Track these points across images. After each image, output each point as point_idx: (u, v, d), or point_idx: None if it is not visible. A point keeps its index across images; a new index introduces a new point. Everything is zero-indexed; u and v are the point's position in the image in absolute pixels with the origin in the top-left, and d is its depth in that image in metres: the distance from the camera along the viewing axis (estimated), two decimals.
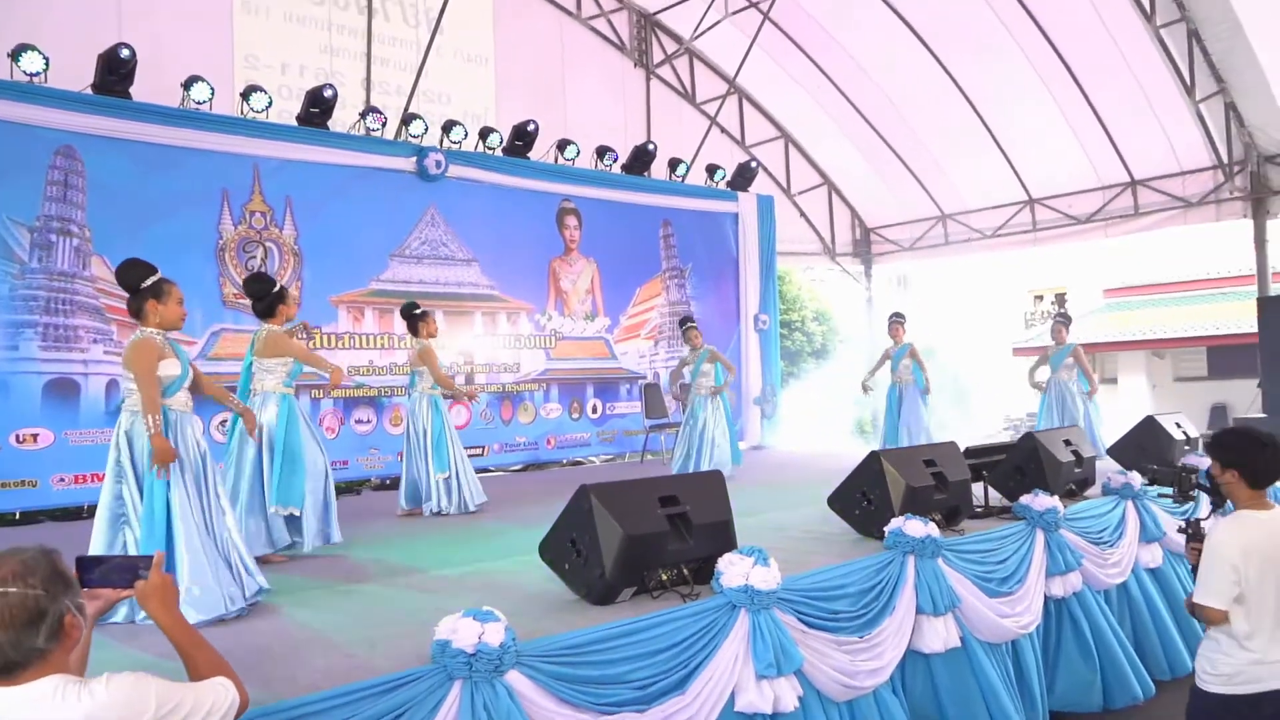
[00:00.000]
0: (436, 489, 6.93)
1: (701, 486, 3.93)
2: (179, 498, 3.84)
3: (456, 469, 6.98)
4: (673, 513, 3.73)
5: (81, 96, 7.66)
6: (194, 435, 4.09)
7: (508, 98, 11.64)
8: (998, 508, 5.56)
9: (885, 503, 4.80)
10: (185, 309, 4.22)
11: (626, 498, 3.64)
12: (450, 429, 7.09)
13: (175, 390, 4.01)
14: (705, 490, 3.92)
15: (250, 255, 8.50)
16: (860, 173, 15.04)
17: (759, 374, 12.58)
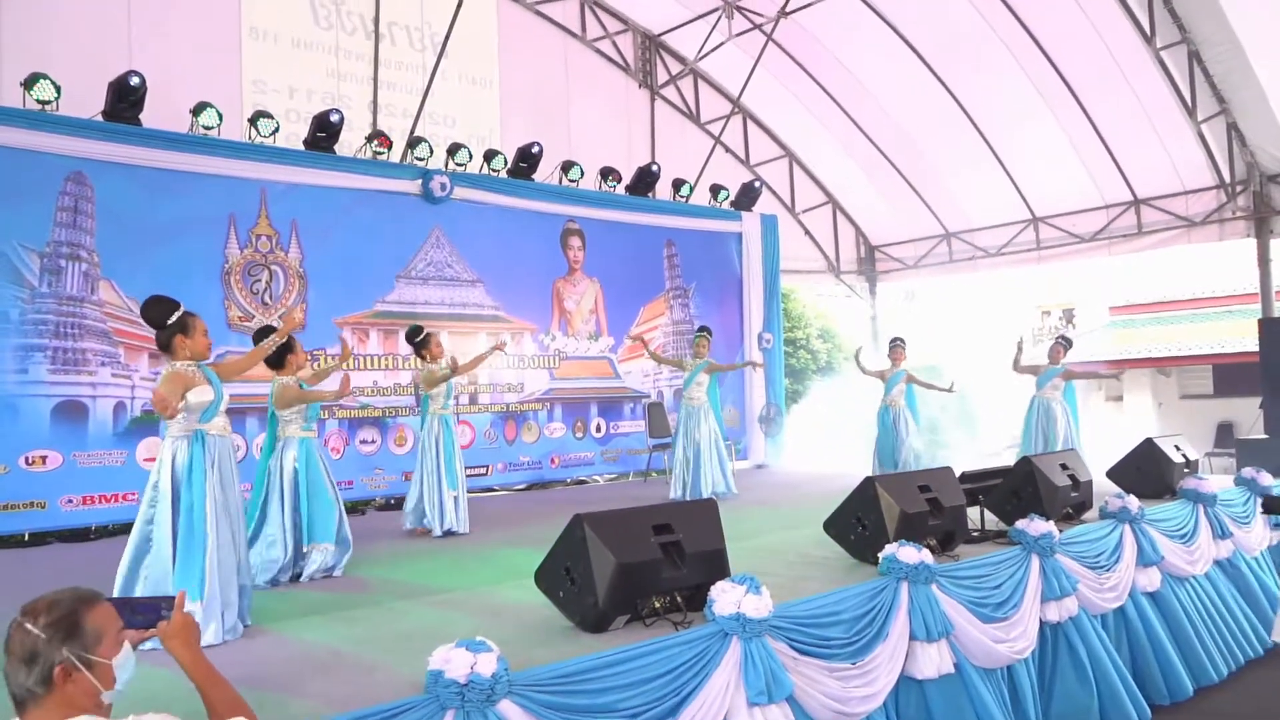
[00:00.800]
0: (448, 507, 7.02)
1: (695, 514, 3.98)
2: (212, 521, 3.96)
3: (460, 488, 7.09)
4: (666, 541, 3.78)
5: (92, 124, 7.79)
6: (231, 461, 4.22)
7: (512, 120, 11.77)
8: (994, 532, 5.59)
9: (880, 528, 4.84)
10: (210, 338, 4.41)
11: (620, 526, 3.69)
12: (453, 448, 7.17)
13: (211, 415, 4.17)
14: (698, 518, 3.97)
15: (255, 279, 8.61)
16: (864, 191, 15.12)
17: (763, 392, 12.61)
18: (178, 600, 2.31)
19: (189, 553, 3.94)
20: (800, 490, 9.55)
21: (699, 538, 3.90)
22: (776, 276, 13.00)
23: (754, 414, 12.44)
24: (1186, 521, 6.47)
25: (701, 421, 9.03)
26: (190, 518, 4.00)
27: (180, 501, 4.02)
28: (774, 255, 12.94)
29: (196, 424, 4.13)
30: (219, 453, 4.15)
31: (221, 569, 3.99)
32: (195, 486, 4.03)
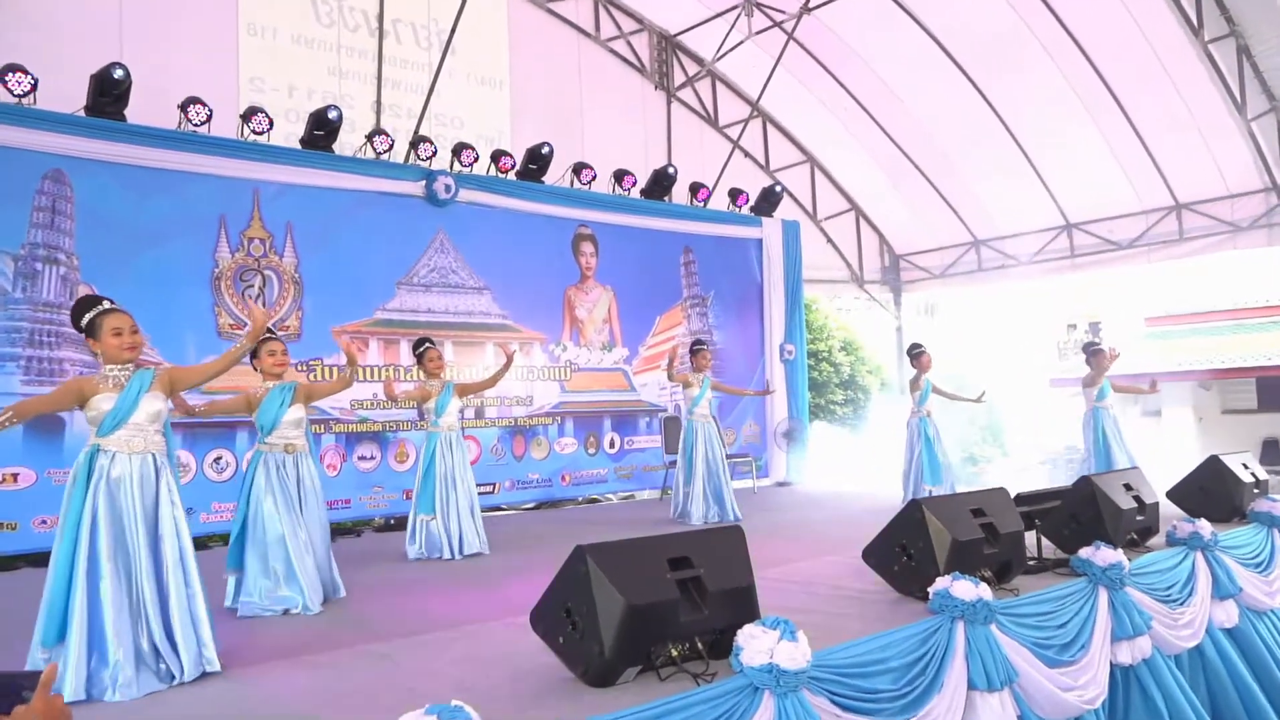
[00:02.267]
0: (419, 532, 6.49)
1: (718, 545, 3.40)
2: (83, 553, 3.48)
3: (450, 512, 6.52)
4: (684, 576, 3.21)
5: (72, 118, 7.33)
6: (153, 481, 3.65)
7: (523, 122, 11.26)
8: (1051, 561, 4.98)
9: (928, 558, 4.24)
10: (130, 337, 3.75)
11: (630, 559, 3.12)
12: (449, 470, 6.60)
13: (110, 428, 3.60)
14: (722, 549, 3.39)
15: (248, 284, 8.11)
16: (889, 198, 14.53)
17: (784, 406, 12.02)
18: (43, 678, 1.75)
19: (49, 589, 3.40)
20: (828, 511, 8.94)
21: (723, 572, 3.32)
22: (799, 285, 12.42)
23: (775, 429, 11.83)
24: (1262, 548, 5.84)
25: (714, 440, 8.47)
26: (57, 548, 3.47)
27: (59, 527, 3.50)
28: (796, 262, 12.37)
29: (94, 437, 3.60)
30: (123, 472, 3.57)
31: (114, 610, 3.39)
32: (70, 510, 3.50)
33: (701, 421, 8.48)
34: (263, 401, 5.05)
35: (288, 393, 5.09)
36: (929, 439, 9.26)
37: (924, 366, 9.37)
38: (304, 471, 5.04)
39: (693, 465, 8.36)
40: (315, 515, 5.04)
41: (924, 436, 9.27)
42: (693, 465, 8.36)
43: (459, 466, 6.64)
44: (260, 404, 5.05)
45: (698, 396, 8.48)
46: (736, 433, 11.62)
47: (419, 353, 6.90)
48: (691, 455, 8.38)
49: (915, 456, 9.29)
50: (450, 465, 6.59)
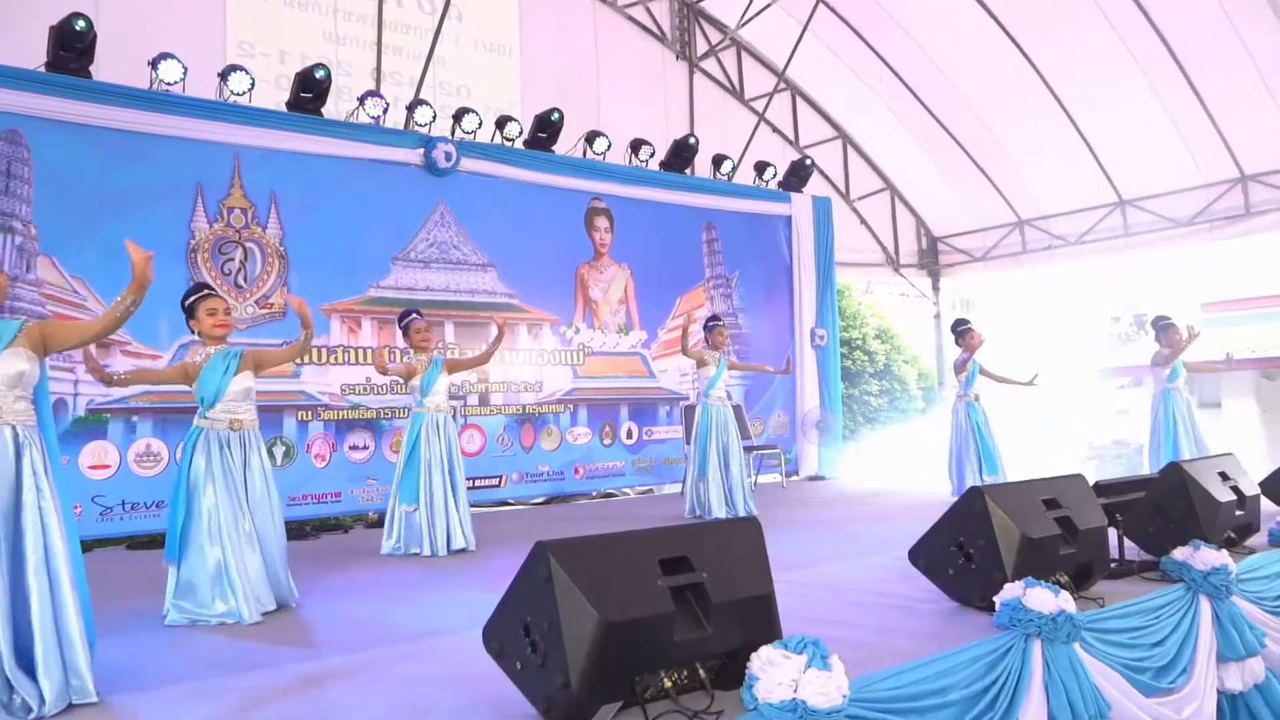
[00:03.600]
0: (397, 523, 5.78)
1: (727, 542, 2.63)
2: None
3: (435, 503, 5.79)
4: (682, 583, 2.45)
5: (30, 74, 6.68)
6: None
7: (534, 92, 10.48)
8: (1138, 564, 4.16)
9: (993, 559, 3.45)
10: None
11: (609, 561, 2.37)
12: (435, 456, 5.88)
13: None
14: (733, 548, 2.62)
15: (227, 257, 7.44)
16: (927, 176, 13.64)
17: (816, 396, 11.20)
18: None
19: None
20: (866, 507, 8.12)
21: (733, 578, 2.55)
22: (831, 265, 11.60)
23: (805, 420, 11.01)
24: None
25: (730, 425, 7.70)
26: None
27: None
28: (828, 241, 11.55)
29: None
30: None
31: None
32: None
33: (717, 405, 7.72)
34: (203, 370, 4.33)
35: (232, 359, 4.37)
36: (979, 425, 8.39)
37: (971, 345, 8.53)
38: (252, 453, 4.31)
39: (707, 454, 7.58)
40: (265, 506, 4.31)
41: (974, 423, 8.39)
42: (707, 454, 7.58)
43: (447, 452, 5.91)
44: (200, 373, 4.32)
45: (714, 378, 7.71)
46: (764, 423, 10.82)
47: (404, 325, 6.22)
48: (706, 443, 7.61)
49: (964, 445, 8.41)
50: (437, 451, 5.87)
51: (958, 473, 8.44)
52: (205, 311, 4.35)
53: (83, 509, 6.65)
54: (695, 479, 7.66)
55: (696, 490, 7.65)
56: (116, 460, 6.85)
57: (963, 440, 8.51)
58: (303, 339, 4.56)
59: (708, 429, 7.65)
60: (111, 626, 4.08)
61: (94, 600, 2.95)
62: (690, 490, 7.70)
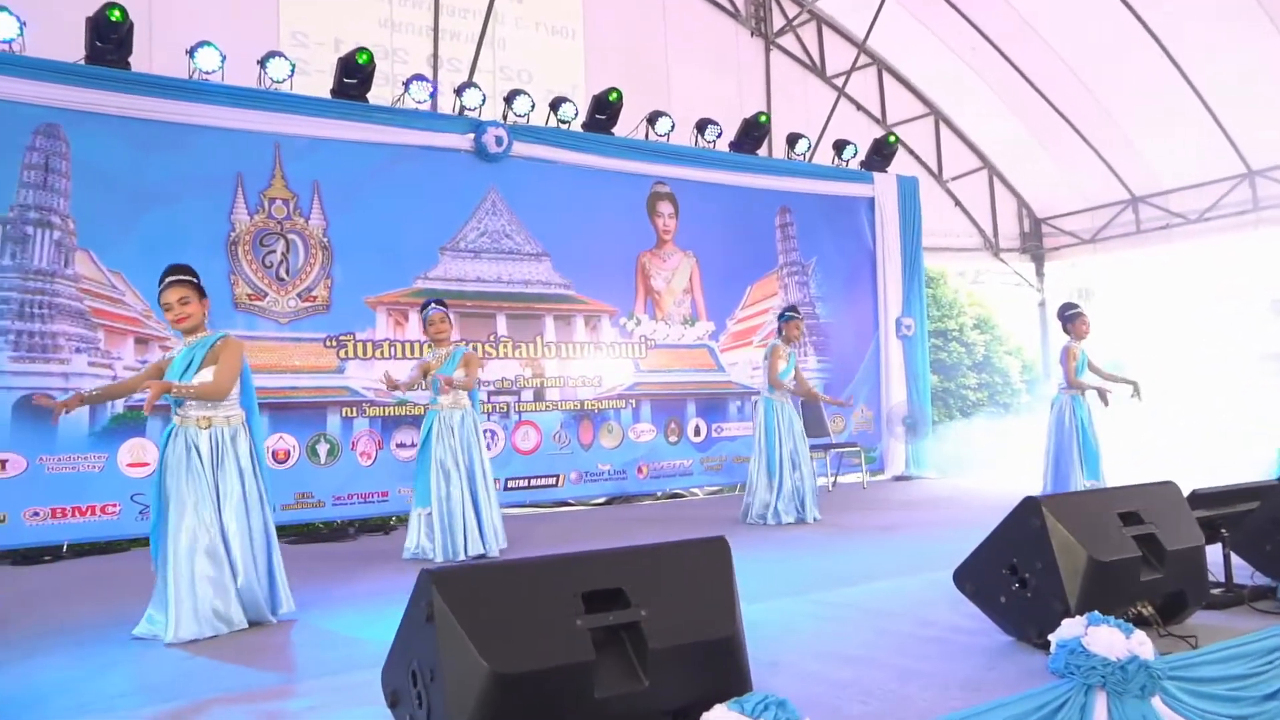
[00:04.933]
0: (416, 527, 5.43)
1: (679, 568, 2.11)
2: None
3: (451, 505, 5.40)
4: (610, 624, 1.93)
5: (67, 66, 6.59)
6: None
7: (598, 75, 10.01)
8: (1248, 590, 3.43)
9: (1052, 587, 2.82)
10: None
11: (510, 595, 1.87)
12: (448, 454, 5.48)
13: None
14: (686, 575, 2.10)
15: (269, 249, 7.23)
16: (1028, 152, 12.66)
17: (902, 390, 10.44)
18: None
19: None
20: (947, 511, 7.40)
21: (684, 616, 2.03)
22: (918, 250, 10.80)
23: (891, 416, 10.27)
24: None
25: (795, 421, 7.11)
26: None
27: None
28: (915, 224, 10.76)
29: None
30: None
31: None
32: None
33: (780, 401, 7.12)
34: (171, 363, 4.00)
35: (199, 350, 3.97)
36: (1085, 422, 7.46)
37: (1080, 332, 7.60)
38: (226, 454, 3.94)
39: (775, 453, 6.98)
40: (242, 513, 3.93)
41: (1079, 419, 7.47)
42: (775, 453, 6.98)
43: (463, 450, 5.49)
44: (168, 368, 4.01)
45: (784, 371, 7.11)
46: (846, 420, 10.13)
47: (422, 314, 5.84)
48: (772, 441, 7.01)
49: (1066, 444, 7.48)
50: (451, 450, 5.46)
51: (1054, 475, 7.56)
52: (162, 306, 4.02)
53: (122, 507, 6.54)
54: (761, 482, 7.08)
55: (759, 494, 7.06)
56: (155, 458, 6.68)
57: (1064, 438, 7.58)
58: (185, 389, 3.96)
59: (774, 426, 7.07)
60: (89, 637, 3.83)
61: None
62: (753, 494, 7.10)
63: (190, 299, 3.98)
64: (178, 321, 3.98)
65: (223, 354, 3.95)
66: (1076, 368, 7.61)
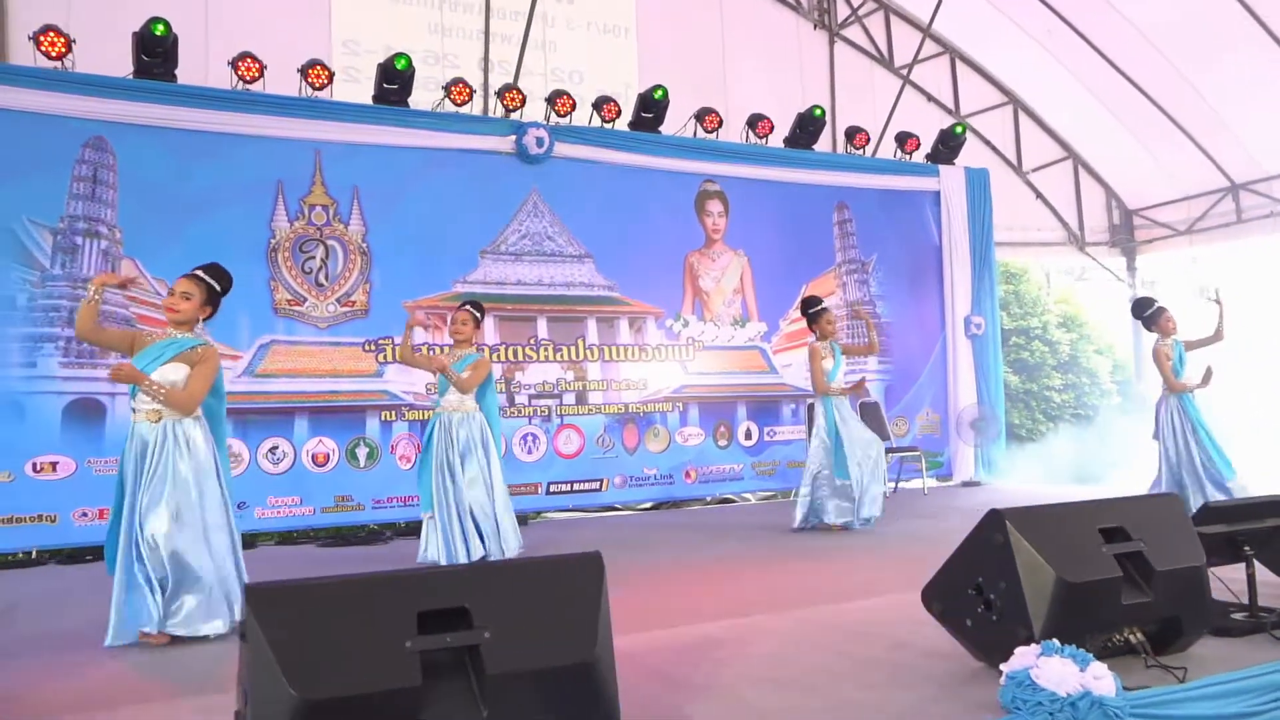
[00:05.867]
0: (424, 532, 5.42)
1: (539, 587, 1.94)
2: None
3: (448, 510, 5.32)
4: (448, 646, 1.78)
5: (113, 80, 6.81)
6: None
7: (652, 74, 9.82)
8: (1274, 615, 3.06)
9: (1016, 610, 2.55)
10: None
11: (337, 609, 1.74)
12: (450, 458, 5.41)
13: None
14: (547, 595, 1.93)
15: (308, 255, 7.33)
16: (1115, 139, 11.95)
17: (972, 391, 9.97)
18: None
19: None
20: None
21: (540, 640, 1.86)
22: (990, 244, 10.31)
23: (960, 418, 9.81)
24: None
25: (855, 421, 6.81)
26: None
27: None
28: (985, 218, 10.27)
29: None
30: None
31: None
32: None
33: (840, 400, 6.81)
34: (145, 348, 3.88)
35: (171, 348, 3.86)
36: (1199, 421, 6.81)
37: (1166, 329, 7.02)
38: (179, 450, 3.77)
39: (845, 453, 6.66)
40: (195, 514, 3.75)
41: (1192, 419, 6.82)
42: (845, 453, 6.66)
43: (467, 454, 5.41)
44: (139, 352, 3.88)
45: (834, 370, 6.82)
46: (909, 421, 9.73)
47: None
48: (839, 443, 6.69)
49: (1184, 448, 6.85)
50: (450, 451, 5.39)
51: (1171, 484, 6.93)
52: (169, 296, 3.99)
53: None
54: (826, 484, 6.75)
55: (818, 496, 6.76)
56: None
57: (1180, 442, 6.96)
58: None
59: (836, 426, 6.75)
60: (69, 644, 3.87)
61: None
62: (814, 497, 6.77)
63: (193, 295, 3.92)
64: (169, 310, 3.93)
65: (199, 366, 3.86)
66: (1174, 367, 7.01)
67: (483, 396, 5.59)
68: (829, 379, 6.78)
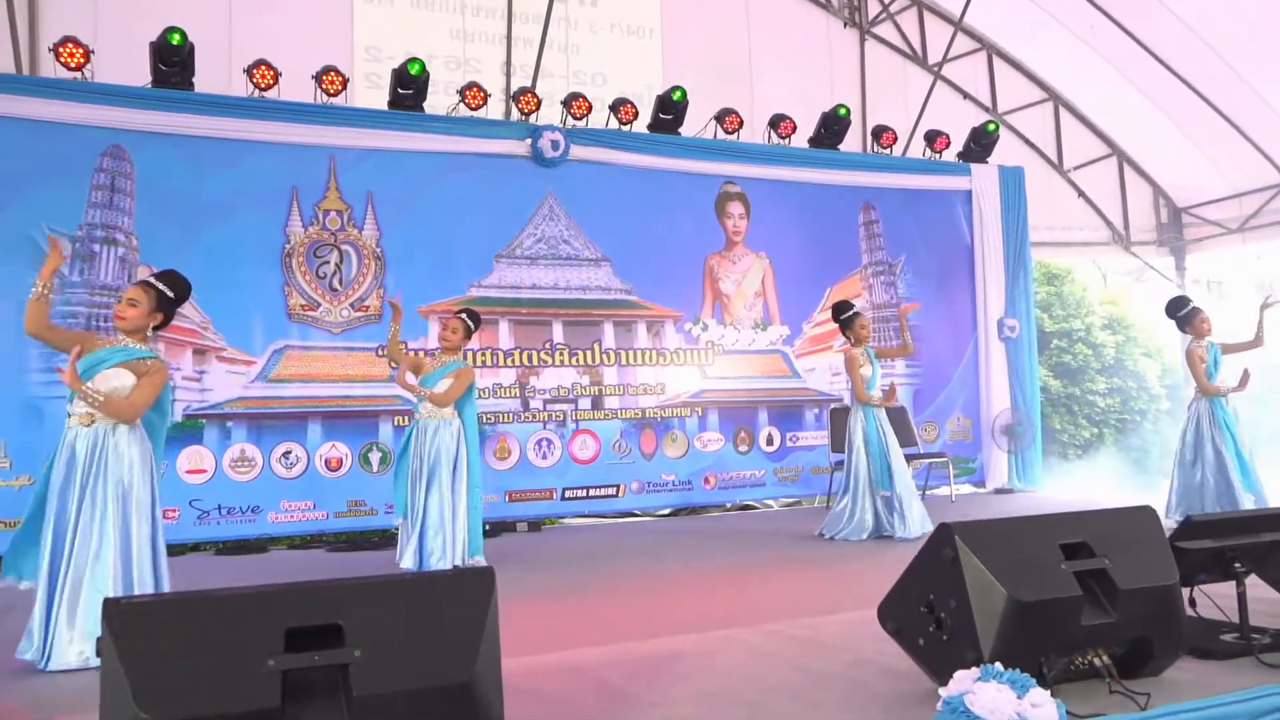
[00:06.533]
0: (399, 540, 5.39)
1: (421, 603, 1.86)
2: None
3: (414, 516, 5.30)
4: (315, 664, 1.71)
5: (130, 90, 6.91)
6: None
7: (677, 75, 9.71)
8: (1264, 639, 2.86)
9: (965, 629, 2.40)
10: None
11: (201, 626, 1.68)
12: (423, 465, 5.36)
13: None
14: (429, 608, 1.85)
15: (322, 260, 7.37)
16: (1162, 135, 11.54)
17: (1005, 396, 9.68)
18: None
19: None
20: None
21: (408, 657, 1.78)
22: (1024, 245, 10.01)
23: (994, 424, 9.54)
24: None
25: (890, 429, 6.62)
26: None
27: None
28: (1019, 217, 9.98)
29: None
30: None
31: None
32: None
33: (871, 408, 6.63)
34: (90, 352, 3.77)
35: (116, 355, 3.78)
36: (1229, 426, 6.57)
37: (1200, 330, 6.79)
38: (109, 453, 3.64)
39: (890, 461, 6.48)
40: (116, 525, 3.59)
41: (1223, 424, 6.57)
42: (890, 461, 6.48)
43: (437, 462, 5.32)
44: (85, 355, 3.75)
45: (872, 378, 6.64)
46: (939, 427, 9.49)
47: None
48: (881, 451, 6.50)
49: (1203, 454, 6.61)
50: (421, 457, 5.34)
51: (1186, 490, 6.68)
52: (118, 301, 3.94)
53: (181, 512, 6.78)
54: (870, 494, 6.55)
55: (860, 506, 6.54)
56: (212, 465, 6.93)
57: (1200, 448, 6.70)
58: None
59: (877, 435, 6.56)
60: None
61: None
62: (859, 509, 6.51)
63: (139, 302, 3.84)
64: (116, 317, 3.87)
65: (147, 377, 3.77)
66: (1207, 370, 6.77)
67: (463, 406, 5.53)
68: (869, 387, 6.60)
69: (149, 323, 3.89)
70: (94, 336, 3.93)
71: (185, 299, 4.07)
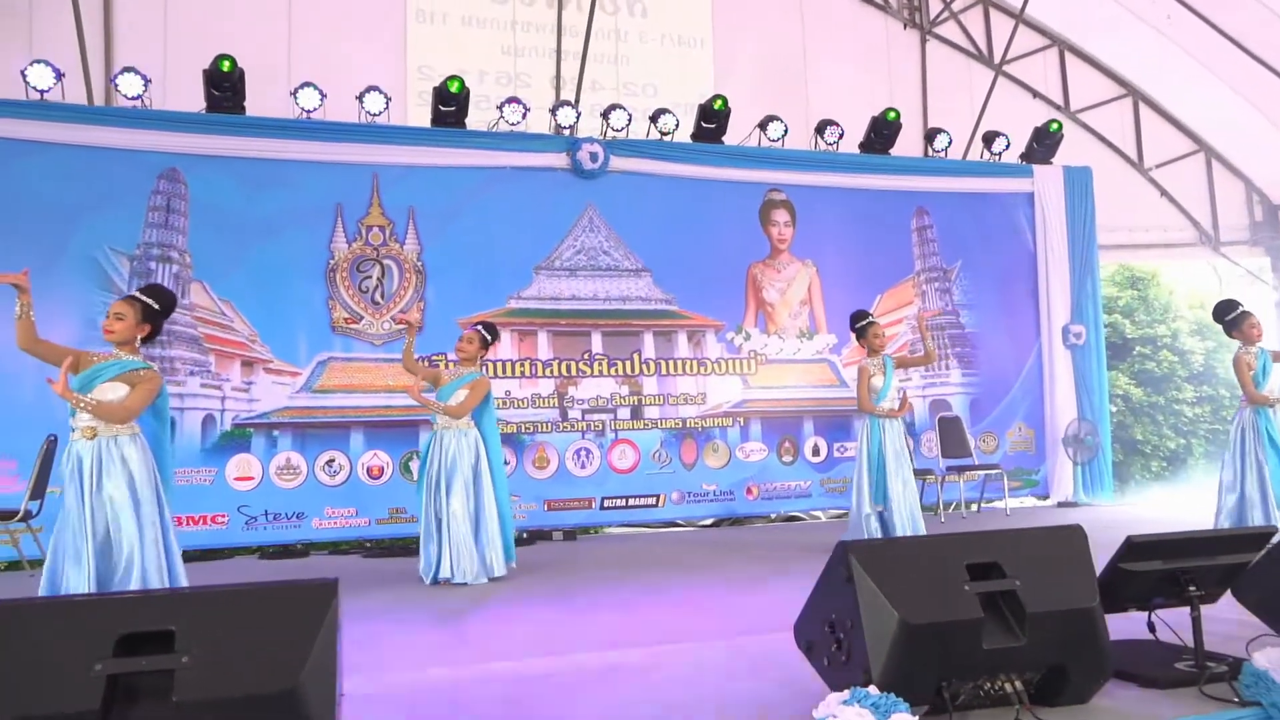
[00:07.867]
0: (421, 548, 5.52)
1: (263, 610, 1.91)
2: None
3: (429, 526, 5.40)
4: (143, 670, 1.78)
5: (186, 115, 7.29)
6: None
7: (730, 84, 9.67)
8: (1218, 667, 2.68)
9: (860, 651, 2.33)
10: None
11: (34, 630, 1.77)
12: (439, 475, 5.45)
13: None
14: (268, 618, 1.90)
15: (365, 275, 7.61)
16: (1254, 129, 10.94)
17: (1072, 406, 9.30)
18: None
19: None
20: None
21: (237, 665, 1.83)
22: (1092, 249, 9.58)
23: (1057, 433, 9.18)
24: None
25: (899, 443, 6.45)
26: None
27: None
28: (1086, 220, 9.57)
29: None
30: None
31: None
32: None
33: (889, 421, 6.48)
34: (86, 369, 3.91)
35: (112, 368, 3.92)
36: (1273, 438, 6.22)
37: (1250, 335, 6.40)
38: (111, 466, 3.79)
39: (887, 475, 6.36)
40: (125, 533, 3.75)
41: (1264, 435, 6.23)
42: (887, 475, 6.36)
43: (453, 472, 5.42)
44: (82, 371, 3.90)
45: (884, 388, 6.49)
46: (999, 437, 9.17)
47: None
48: (883, 462, 6.38)
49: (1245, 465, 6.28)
50: (438, 468, 5.44)
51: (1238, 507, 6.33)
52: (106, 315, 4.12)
53: (230, 518, 7.09)
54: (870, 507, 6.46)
55: (862, 517, 6.48)
56: (259, 473, 7.21)
57: (1244, 458, 6.36)
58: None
59: (878, 448, 6.43)
60: None
61: None
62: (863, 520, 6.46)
63: (125, 316, 3.99)
64: (104, 331, 4.02)
65: (140, 385, 3.95)
66: (1255, 378, 6.39)
67: (480, 416, 5.61)
68: (879, 398, 6.44)
69: (137, 334, 4.04)
70: (87, 354, 4.02)
71: (171, 311, 4.26)
